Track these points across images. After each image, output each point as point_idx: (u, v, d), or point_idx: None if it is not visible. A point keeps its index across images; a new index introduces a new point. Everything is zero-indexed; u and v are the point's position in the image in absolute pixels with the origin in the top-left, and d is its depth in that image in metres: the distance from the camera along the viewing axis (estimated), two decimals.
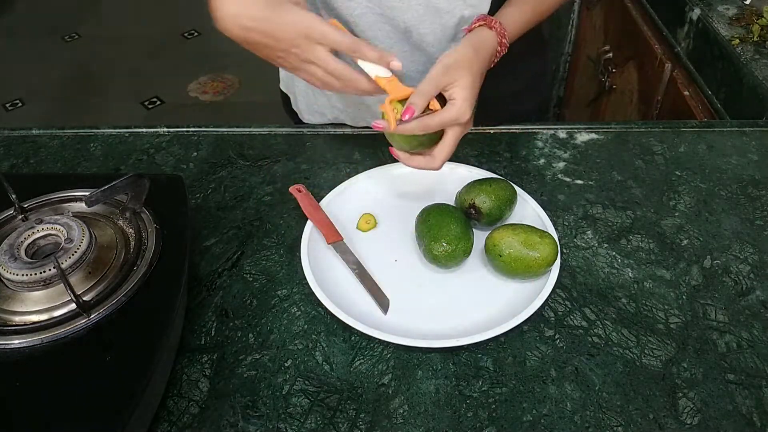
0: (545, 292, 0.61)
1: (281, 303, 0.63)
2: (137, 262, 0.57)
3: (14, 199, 0.60)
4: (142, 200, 0.61)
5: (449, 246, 0.62)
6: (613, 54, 1.50)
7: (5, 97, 2.74)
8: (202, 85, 2.80)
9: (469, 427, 0.53)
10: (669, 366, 0.57)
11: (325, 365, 0.57)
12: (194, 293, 0.64)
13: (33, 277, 0.53)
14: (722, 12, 1.10)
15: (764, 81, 0.92)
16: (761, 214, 0.72)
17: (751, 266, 0.66)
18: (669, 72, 1.20)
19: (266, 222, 0.72)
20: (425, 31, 0.74)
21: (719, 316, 0.61)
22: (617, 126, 0.86)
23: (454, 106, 0.61)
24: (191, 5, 3.46)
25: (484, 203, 0.66)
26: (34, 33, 3.23)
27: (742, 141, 0.83)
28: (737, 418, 0.53)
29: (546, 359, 0.57)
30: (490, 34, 0.67)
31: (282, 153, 0.82)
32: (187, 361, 0.58)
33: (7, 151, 0.84)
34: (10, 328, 0.51)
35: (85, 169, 0.80)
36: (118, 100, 2.72)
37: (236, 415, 0.54)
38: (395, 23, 0.73)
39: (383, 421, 0.53)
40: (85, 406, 0.46)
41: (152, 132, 0.86)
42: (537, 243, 0.61)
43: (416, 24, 0.73)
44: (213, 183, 0.78)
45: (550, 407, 0.54)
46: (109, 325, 0.52)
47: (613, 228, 0.70)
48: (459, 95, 0.62)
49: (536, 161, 0.80)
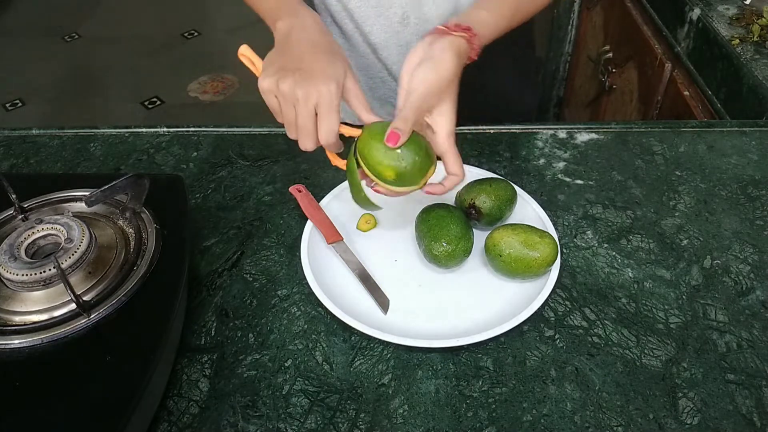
0: (545, 292, 0.61)
1: (281, 303, 0.63)
2: (137, 262, 0.57)
3: (14, 199, 0.60)
4: (142, 200, 0.61)
5: (449, 246, 0.62)
6: (613, 54, 1.50)
7: (5, 97, 2.74)
8: (202, 85, 2.80)
9: (469, 427, 0.53)
10: (669, 366, 0.57)
11: (325, 365, 0.57)
12: (194, 293, 0.64)
13: (33, 277, 0.53)
14: (722, 12, 1.10)
15: (764, 81, 0.92)
16: (761, 214, 0.72)
17: (751, 266, 0.66)
18: (669, 72, 1.21)
19: (266, 222, 0.72)
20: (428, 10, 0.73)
21: (719, 316, 0.61)
22: (617, 126, 0.86)
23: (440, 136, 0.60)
24: (191, 5, 3.47)
25: (484, 203, 0.66)
26: (34, 33, 3.23)
27: (742, 141, 0.83)
28: (737, 418, 0.53)
29: (546, 359, 0.57)
30: (466, 48, 0.62)
31: (282, 153, 0.82)
32: (187, 361, 0.58)
33: (7, 151, 0.84)
34: (10, 328, 0.51)
35: (85, 169, 0.80)
36: (118, 100, 2.72)
37: (236, 415, 0.54)
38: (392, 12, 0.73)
39: (383, 421, 0.53)
40: (85, 406, 0.46)
41: (152, 132, 0.86)
42: (537, 243, 0.61)
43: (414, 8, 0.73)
44: (213, 183, 0.78)
45: (550, 407, 0.54)
46: (109, 325, 0.52)
47: (613, 228, 0.70)
48: (441, 125, 0.60)
49: (536, 161, 0.80)
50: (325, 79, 0.57)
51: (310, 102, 0.57)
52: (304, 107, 0.57)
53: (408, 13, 0.79)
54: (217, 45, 3.09)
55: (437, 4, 0.78)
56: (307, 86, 0.57)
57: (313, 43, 0.61)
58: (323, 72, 0.58)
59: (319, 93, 0.57)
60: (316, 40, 0.61)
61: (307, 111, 0.57)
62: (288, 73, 0.57)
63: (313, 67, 0.58)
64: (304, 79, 0.57)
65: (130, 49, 3.05)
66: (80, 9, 3.41)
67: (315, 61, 0.59)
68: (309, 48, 0.60)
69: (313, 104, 0.57)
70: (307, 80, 0.57)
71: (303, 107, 0.57)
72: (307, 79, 0.57)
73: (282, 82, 0.57)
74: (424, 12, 0.79)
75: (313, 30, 0.62)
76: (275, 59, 0.60)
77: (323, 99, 0.57)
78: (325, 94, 0.57)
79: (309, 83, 0.57)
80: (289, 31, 0.62)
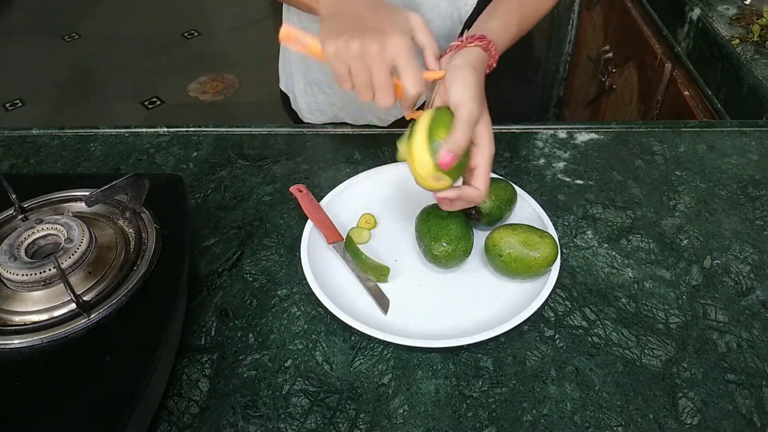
0: (545, 292, 0.61)
1: (281, 303, 0.63)
2: (137, 262, 0.57)
3: (14, 199, 0.60)
4: (142, 200, 0.61)
5: (449, 246, 0.62)
6: (613, 54, 1.50)
7: (5, 97, 2.74)
8: (202, 85, 2.80)
9: (469, 427, 0.53)
10: (669, 366, 0.57)
11: (325, 365, 0.57)
12: (194, 293, 0.64)
13: (33, 277, 0.53)
14: (722, 12, 1.10)
15: (764, 81, 0.92)
16: (761, 214, 0.72)
17: (751, 266, 0.66)
18: (669, 72, 1.21)
19: (266, 222, 0.72)
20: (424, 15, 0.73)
21: (719, 316, 0.61)
22: (617, 126, 0.86)
23: (487, 150, 0.59)
24: (191, 5, 3.47)
25: (484, 203, 0.66)
26: (34, 33, 3.23)
27: (742, 141, 0.83)
28: (737, 418, 0.53)
29: (546, 359, 0.57)
30: (485, 56, 0.63)
31: (282, 153, 0.82)
32: (187, 361, 0.58)
33: (7, 151, 0.84)
34: (10, 328, 0.51)
35: (85, 169, 0.80)
36: (118, 100, 2.72)
37: (236, 415, 0.54)
38: None
39: (383, 421, 0.53)
40: (85, 406, 0.46)
41: (152, 132, 0.86)
42: (537, 243, 0.61)
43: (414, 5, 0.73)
44: (213, 183, 0.78)
45: (550, 407, 0.54)
46: (109, 325, 0.52)
47: (613, 228, 0.70)
48: (485, 136, 0.59)
49: (536, 161, 0.80)
50: (396, 31, 0.56)
51: (387, 57, 0.55)
52: (380, 63, 0.55)
53: None
54: (217, 45, 3.10)
55: (436, 3, 0.78)
56: (382, 41, 0.55)
57: (368, 4, 0.59)
58: (392, 27, 0.56)
59: (396, 46, 0.55)
60: (369, 1, 0.59)
61: (384, 67, 0.55)
62: (355, 34, 0.56)
63: (379, 24, 0.56)
64: (375, 36, 0.55)
65: (130, 49, 3.05)
66: (80, 9, 3.41)
67: (377, 19, 0.57)
68: (366, 9, 0.59)
69: (390, 59, 0.55)
70: (378, 37, 0.55)
71: (379, 64, 0.55)
72: (377, 35, 0.55)
73: (351, 42, 0.55)
74: (423, 11, 0.79)
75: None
76: (334, 27, 0.58)
77: (401, 51, 0.55)
78: (401, 46, 0.55)
79: (382, 38, 0.55)
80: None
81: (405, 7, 0.74)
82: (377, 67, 0.55)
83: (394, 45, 0.55)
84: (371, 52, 0.55)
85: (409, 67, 0.56)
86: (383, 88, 0.56)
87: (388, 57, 0.55)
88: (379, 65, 0.55)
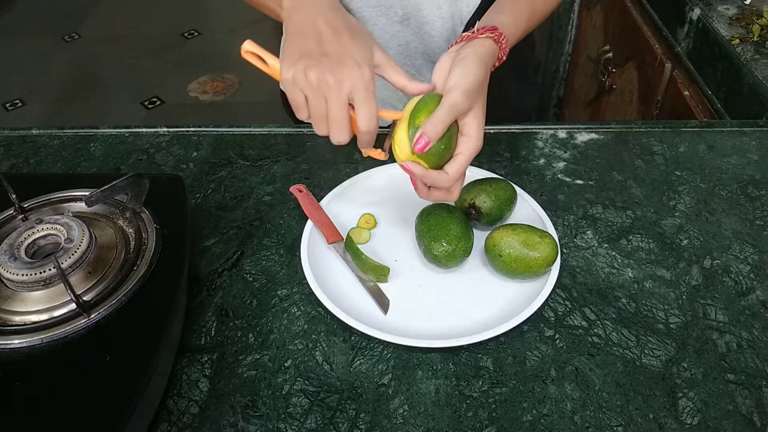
0: (545, 292, 0.61)
1: (281, 303, 0.63)
2: (137, 262, 0.57)
3: (14, 199, 0.60)
4: (142, 200, 0.61)
5: (449, 246, 0.62)
6: (613, 54, 1.50)
7: (5, 97, 2.74)
8: (202, 85, 2.80)
9: (469, 427, 0.53)
10: (669, 366, 0.57)
11: (325, 365, 0.57)
12: (194, 293, 0.64)
13: (33, 277, 0.53)
14: (722, 12, 1.10)
15: (764, 81, 0.92)
16: (761, 214, 0.72)
17: (751, 266, 0.66)
18: (669, 72, 1.21)
19: (266, 222, 0.72)
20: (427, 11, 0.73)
21: (719, 316, 0.61)
22: (617, 126, 0.86)
23: (471, 142, 0.57)
24: (191, 5, 3.47)
25: (484, 203, 0.66)
26: (34, 33, 3.23)
27: (742, 141, 0.83)
28: (737, 418, 0.53)
29: (546, 359, 0.57)
30: (495, 48, 0.61)
31: (282, 153, 0.82)
32: (187, 361, 0.58)
33: (7, 151, 0.84)
34: (10, 328, 0.51)
35: (85, 169, 0.80)
36: (118, 100, 2.72)
37: (236, 415, 0.54)
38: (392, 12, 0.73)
39: (383, 421, 0.53)
40: (85, 406, 0.46)
41: (152, 132, 0.86)
42: (537, 243, 0.61)
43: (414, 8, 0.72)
44: (213, 183, 0.78)
45: (550, 407, 0.54)
46: (109, 325, 0.52)
47: (613, 228, 0.70)
48: (474, 128, 0.57)
49: (536, 161, 0.80)
50: (355, 63, 0.53)
51: (344, 90, 0.53)
52: (336, 97, 0.53)
53: (408, 13, 0.79)
54: (217, 45, 3.09)
55: (437, 4, 0.78)
56: (339, 73, 0.53)
57: (330, 24, 0.56)
58: (352, 56, 0.54)
59: (353, 79, 0.53)
60: (331, 19, 0.56)
61: (340, 101, 0.53)
62: (314, 61, 0.53)
63: (339, 51, 0.54)
64: (333, 68, 0.53)
65: (130, 49, 3.05)
66: (80, 9, 3.41)
67: (339, 44, 0.54)
68: (328, 29, 0.55)
69: (347, 92, 0.53)
70: (337, 67, 0.53)
71: (336, 97, 0.53)
72: (336, 65, 0.53)
73: (309, 71, 0.53)
74: (424, 12, 0.79)
75: (323, 5, 0.57)
76: (294, 47, 0.56)
77: (358, 85, 0.53)
78: (359, 80, 0.53)
79: (340, 70, 0.53)
80: (301, 6, 0.57)
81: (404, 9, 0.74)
82: (333, 100, 0.53)
83: (351, 78, 0.53)
84: (328, 84, 0.53)
85: (365, 102, 0.53)
86: (338, 122, 0.54)
87: (345, 90, 0.53)
88: (336, 98, 0.53)
